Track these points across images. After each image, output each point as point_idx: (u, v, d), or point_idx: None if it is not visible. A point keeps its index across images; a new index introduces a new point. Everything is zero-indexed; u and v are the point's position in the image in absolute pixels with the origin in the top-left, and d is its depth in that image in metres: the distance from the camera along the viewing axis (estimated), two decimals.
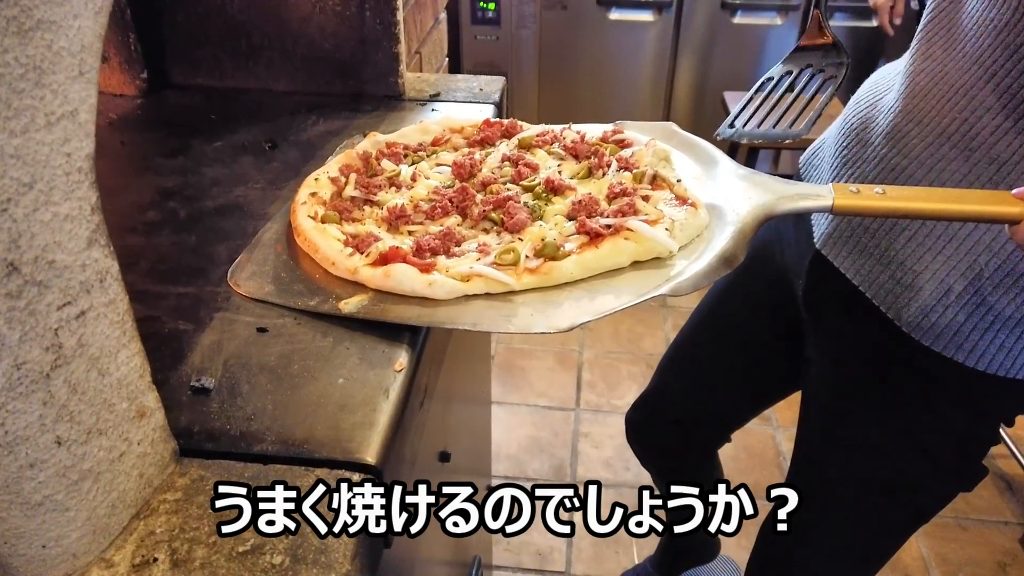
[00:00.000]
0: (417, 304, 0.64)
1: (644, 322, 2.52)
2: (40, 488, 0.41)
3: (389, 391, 0.57)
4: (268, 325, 0.63)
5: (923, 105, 0.78)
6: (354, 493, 0.49)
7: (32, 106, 0.36)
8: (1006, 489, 1.94)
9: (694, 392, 1.24)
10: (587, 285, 0.66)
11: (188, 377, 0.57)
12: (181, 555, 0.45)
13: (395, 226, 0.73)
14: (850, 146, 0.87)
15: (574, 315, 0.62)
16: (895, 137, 0.80)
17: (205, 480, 0.50)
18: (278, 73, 1.08)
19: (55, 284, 0.39)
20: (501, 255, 0.66)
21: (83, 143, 0.40)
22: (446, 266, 0.66)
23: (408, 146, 0.86)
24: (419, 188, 0.78)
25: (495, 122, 0.88)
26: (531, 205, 0.73)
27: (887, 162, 0.81)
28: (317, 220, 0.73)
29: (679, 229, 0.68)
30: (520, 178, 0.78)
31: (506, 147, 0.84)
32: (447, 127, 0.89)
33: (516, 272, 0.65)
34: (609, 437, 2.09)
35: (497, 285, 0.64)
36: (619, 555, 1.78)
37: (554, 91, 3.08)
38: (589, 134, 0.85)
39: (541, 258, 0.66)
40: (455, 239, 0.70)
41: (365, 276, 0.65)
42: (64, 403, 0.40)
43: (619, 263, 0.67)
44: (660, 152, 0.80)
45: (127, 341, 0.45)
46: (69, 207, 0.39)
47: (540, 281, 0.65)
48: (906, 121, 0.79)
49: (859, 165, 0.85)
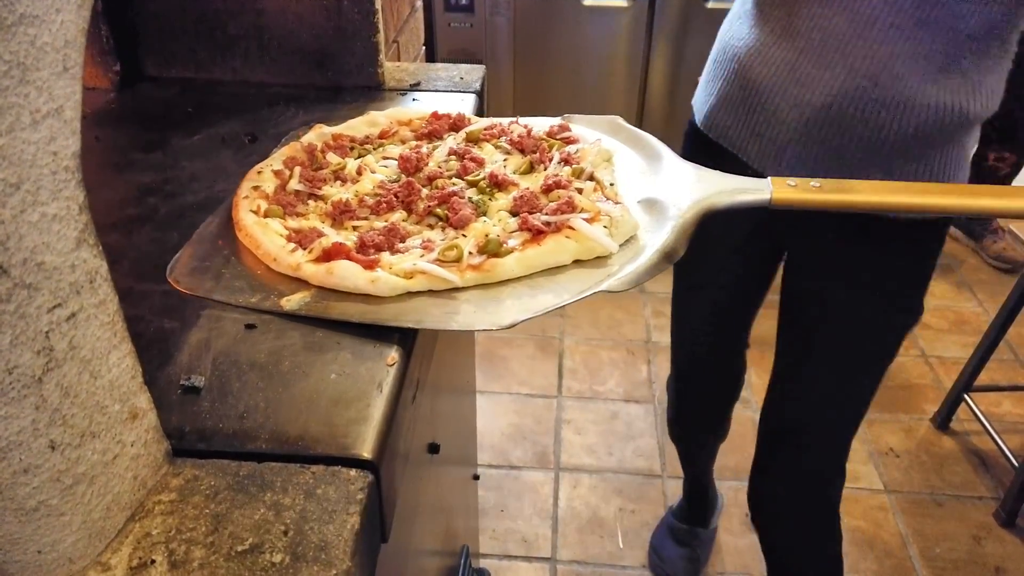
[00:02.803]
0: (360, 301, 0.63)
1: (624, 308, 2.54)
2: (34, 493, 0.40)
3: (382, 385, 0.57)
4: (256, 321, 0.62)
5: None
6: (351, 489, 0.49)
7: (17, 104, 0.35)
8: (980, 465, 1.98)
9: (703, 353, 1.38)
10: (529, 282, 0.66)
11: (177, 376, 0.57)
12: (179, 556, 0.45)
13: (339, 221, 0.72)
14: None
15: (516, 312, 0.62)
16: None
17: (199, 480, 0.49)
18: (255, 64, 1.06)
19: (45, 286, 0.38)
20: (444, 252, 0.66)
21: (69, 141, 0.39)
22: (389, 263, 0.66)
23: (355, 139, 0.85)
24: (365, 182, 0.77)
25: (443, 115, 0.88)
26: (475, 200, 0.73)
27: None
28: (260, 214, 0.72)
29: (616, 227, 0.69)
30: (466, 172, 0.78)
31: (453, 141, 0.84)
32: (395, 119, 0.89)
33: (459, 269, 0.65)
34: (592, 423, 2.10)
35: (440, 282, 0.64)
36: (604, 540, 1.80)
37: (529, 78, 3.07)
38: (536, 128, 0.86)
39: (484, 255, 0.66)
40: (399, 235, 0.69)
41: (308, 273, 0.65)
42: (57, 407, 0.40)
43: (561, 261, 0.68)
44: (604, 153, 0.81)
45: (118, 342, 0.44)
46: (57, 207, 0.38)
47: (483, 278, 0.65)
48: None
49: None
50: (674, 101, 3.07)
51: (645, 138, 0.84)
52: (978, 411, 1.97)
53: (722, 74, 1.07)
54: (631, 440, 2.06)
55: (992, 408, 2.11)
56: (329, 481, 0.50)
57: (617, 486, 1.93)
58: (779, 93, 0.96)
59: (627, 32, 2.94)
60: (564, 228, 0.68)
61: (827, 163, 0.95)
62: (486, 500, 1.88)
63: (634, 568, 1.74)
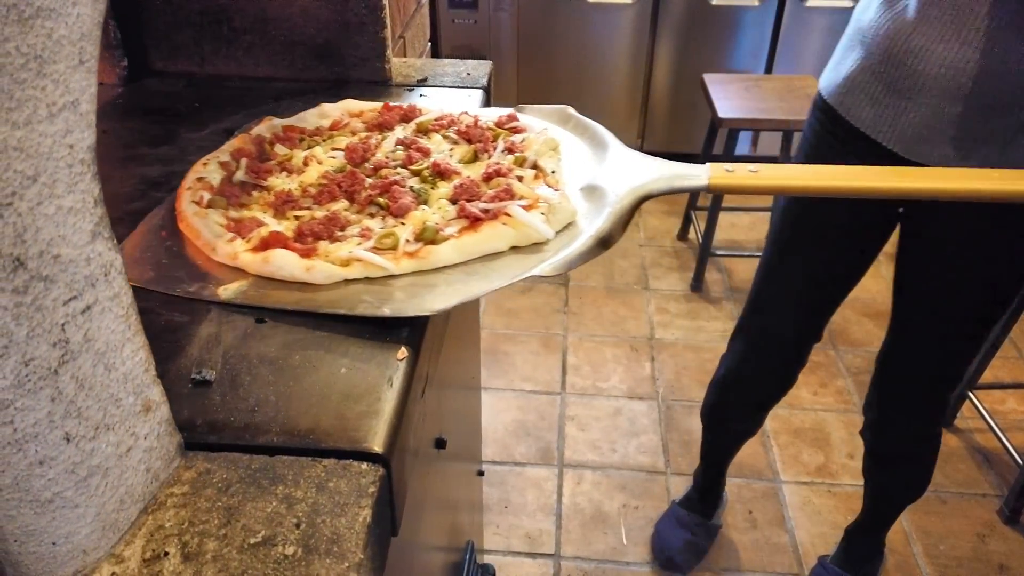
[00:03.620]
0: (297, 289, 0.64)
1: (628, 305, 2.54)
2: (50, 485, 0.40)
3: (392, 379, 0.57)
4: (267, 316, 0.62)
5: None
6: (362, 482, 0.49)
7: (34, 97, 0.35)
8: (984, 462, 1.98)
9: (790, 311, 1.38)
10: (466, 268, 0.67)
11: (188, 370, 0.57)
12: (192, 548, 0.45)
13: (282, 211, 0.73)
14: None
15: (447, 298, 0.63)
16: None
17: (212, 473, 0.50)
18: (260, 58, 1.06)
19: (61, 279, 0.38)
20: (381, 239, 0.67)
21: (85, 134, 0.39)
22: (327, 251, 0.66)
23: (304, 130, 0.86)
24: (310, 172, 0.78)
25: (394, 106, 0.89)
26: (416, 189, 0.74)
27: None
28: (202, 205, 0.72)
29: (554, 214, 0.70)
30: (410, 162, 0.78)
31: (402, 131, 0.85)
32: (347, 111, 0.90)
33: (395, 256, 0.66)
34: (595, 419, 2.11)
35: (376, 269, 0.65)
36: (607, 536, 1.80)
37: (533, 74, 3.07)
38: (485, 118, 0.87)
39: (421, 242, 0.67)
40: (340, 224, 0.70)
41: (244, 261, 0.66)
42: (72, 399, 0.40)
43: (497, 248, 0.68)
44: (550, 142, 0.82)
45: (132, 335, 0.44)
46: (73, 200, 0.38)
47: (418, 265, 0.66)
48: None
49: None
50: (677, 96, 3.07)
51: (593, 127, 0.86)
52: (982, 408, 1.97)
53: (851, 47, 1.12)
54: (634, 436, 2.06)
55: (996, 406, 2.11)
56: (340, 474, 0.50)
57: (620, 482, 1.93)
58: (913, 66, 1.01)
59: (631, 28, 2.93)
60: (501, 215, 0.69)
61: (954, 135, 1.01)
62: (490, 496, 1.89)
63: (638, 564, 1.74)
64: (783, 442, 2.04)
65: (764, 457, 1.99)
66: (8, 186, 0.35)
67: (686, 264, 2.73)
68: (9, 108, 0.34)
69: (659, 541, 1.77)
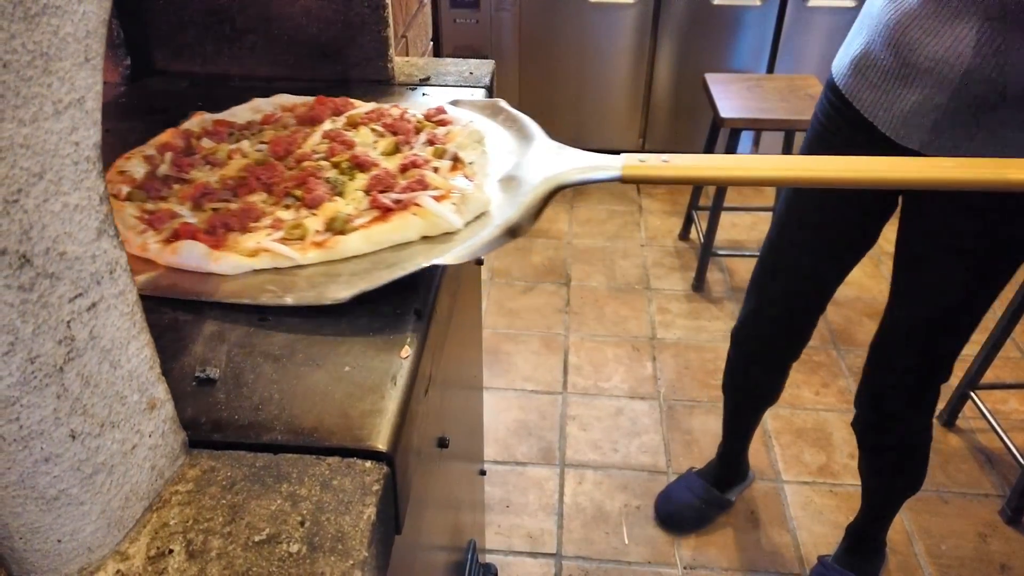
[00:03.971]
0: (204, 280, 0.65)
1: (629, 305, 2.54)
2: (55, 482, 0.40)
3: (396, 378, 0.57)
4: (269, 314, 0.62)
5: None
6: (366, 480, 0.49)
7: (40, 94, 0.36)
8: (986, 462, 1.98)
9: (794, 286, 1.41)
10: (374, 258, 0.67)
11: (192, 368, 0.57)
12: (197, 546, 0.45)
13: (199, 203, 0.73)
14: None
15: (348, 288, 0.63)
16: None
17: (216, 471, 0.50)
18: (263, 58, 1.06)
19: (66, 276, 0.38)
20: (290, 230, 0.68)
21: (90, 131, 0.39)
22: (237, 242, 0.67)
23: (234, 124, 0.86)
24: (232, 166, 0.78)
25: (327, 100, 0.90)
26: (333, 180, 0.74)
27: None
28: (121, 198, 0.73)
29: (465, 204, 0.71)
30: (333, 155, 0.79)
31: (331, 124, 0.85)
32: (280, 106, 0.90)
33: (302, 247, 0.66)
34: (597, 419, 2.11)
35: (282, 259, 0.65)
36: (609, 536, 1.80)
37: (534, 74, 3.07)
38: (412, 111, 0.87)
39: (329, 232, 0.67)
40: (254, 215, 0.70)
41: (153, 252, 0.66)
42: (78, 396, 0.40)
43: (407, 237, 0.69)
44: (474, 134, 0.83)
45: (137, 332, 0.44)
46: (79, 197, 0.38)
47: (326, 255, 0.66)
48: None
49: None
50: (679, 96, 3.07)
51: (522, 119, 0.86)
52: (984, 408, 1.97)
53: (860, 31, 1.15)
54: (636, 436, 2.06)
55: (998, 405, 2.11)
56: (345, 472, 0.50)
57: (622, 482, 1.93)
58: (917, 52, 1.04)
59: (632, 28, 2.93)
60: (411, 206, 0.70)
61: (953, 114, 1.03)
62: (491, 496, 1.89)
63: (639, 564, 1.74)
64: (785, 442, 2.04)
65: (766, 457, 1.99)
66: (15, 183, 0.35)
67: (688, 264, 2.73)
68: (15, 105, 0.34)
69: (663, 499, 1.82)
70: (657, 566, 1.73)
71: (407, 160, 0.76)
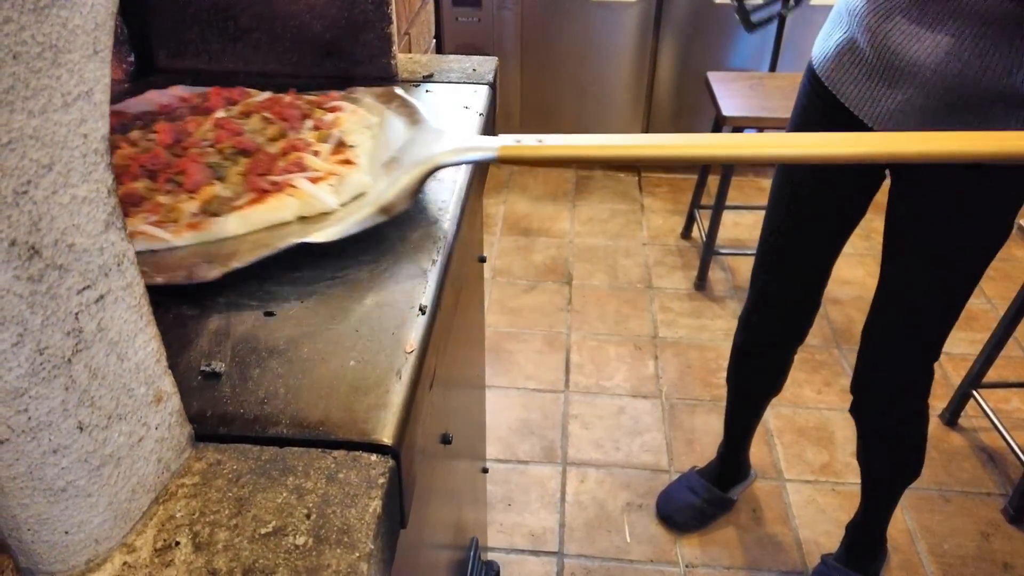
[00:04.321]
0: None
1: (631, 304, 2.54)
2: (63, 474, 0.40)
3: (401, 372, 0.57)
4: (275, 309, 0.63)
5: None
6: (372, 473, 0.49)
7: (49, 86, 0.36)
8: (988, 461, 1.98)
9: (793, 269, 1.45)
10: (251, 239, 0.68)
11: (197, 362, 0.57)
12: (203, 538, 0.45)
13: None
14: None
15: (221, 267, 0.63)
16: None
17: (222, 464, 0.50)
18: (266, 55, 1.06)
19: (75, 268, 0.38)
20: (167, 213, 0.68)
21: (99, 124, 0.39)
22: None
23: (127, 114, 0.87)
24: (118, 154, 0.78)
25: (222, 90, 0.91)
26: (214, 165, 0.75)
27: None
28: None
29: (342, 185, 0.72)
30: (219, 141, 0.80)
31: (224, 113, 0.86)
32: (177, 96, 0.91)
33: (177, 228, 0.67)
34: (599, 418, 2.11)
35: (157, 241, 0.66)
36: (611, 535, 1.80)
37: (536, 73, 3.07)
38: (307, 99, 0.89)
39: (204, 215, 0.68)
40: (133, 199, 0.71)
41: None
42: (85, 388, 0.40)
43: (282, 218, 0.70)
44: (363, 119, 0.84)
45: (144, 325, 0.44)
46: (87, 189, 0.39)
47: (201, 236, 0.67)
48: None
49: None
50: (681, 95, 3.07)
51: (413, 105, 0.88)
52: (987, 407, 1.97)
53: (840, 22, 1.17)
54: (638, 435, 2.06)
55: (1001, 404, 2.11)
56: (350, 466, 0.50)
57: (624, 481, 1.93)
58: (900, 56, 1.06)
59: (634, 26, 2.93)
60: (287, 187, 0.71)
61: (935, 114, 1.06)
62: (493, 494, 1.89)
63: (642, 562, 1.74)
64: (787, 441, 2.04)
65: (768, 456, 1.99)
66: (24, 174, 0.35)
67: (690, 263, 2.73)
68: (25, 97, 0.34)
69: (664, 498, 1.83)
70: (659, 564, 1.73)
71: (288, 144, 0.78)
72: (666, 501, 1.83)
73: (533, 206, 3.06)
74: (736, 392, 1.71)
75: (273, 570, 0.43)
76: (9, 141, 0.34)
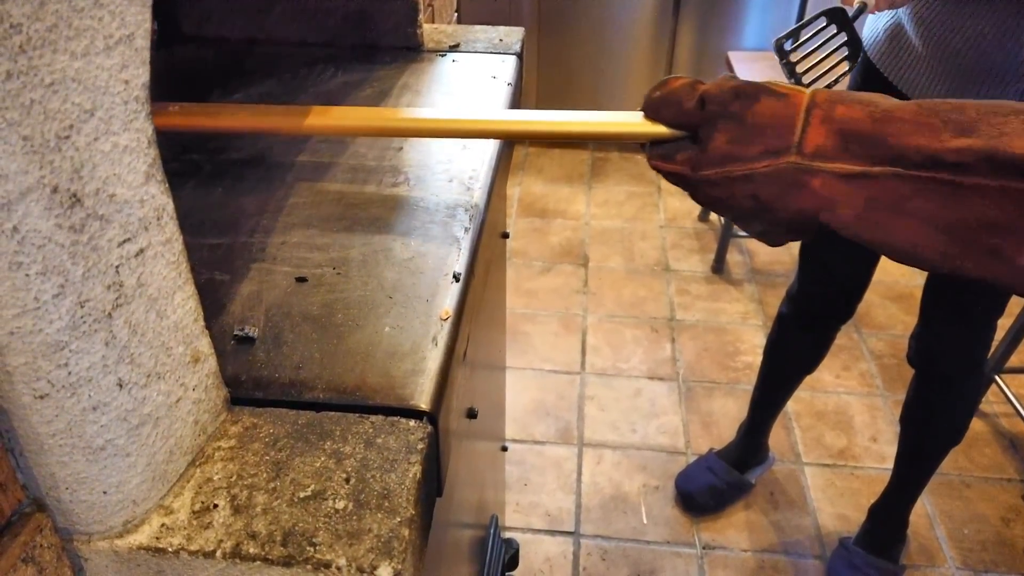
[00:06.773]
0: None
1: (647, 286, 2.52)
2: (102, 432, 0.39)
3: (437, 339, 0.56)
4: (308, 275, 0.61)
5: None
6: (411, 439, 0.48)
7: (92, 27, 0.34)
8: (1009, 447, 1.96)
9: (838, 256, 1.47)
10: None
11: (231, 327, 0.56)
12: (241, 501, 0.44)
13: None
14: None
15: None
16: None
17: (258, 428, 0.49)
18: (291, 24, 1.04)
19: (116, 219, 0.37)
20: None
21: (140, 70, 0.38)
22: None
23: None
24: None
25: None
26: None
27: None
28: None
29: None
30: None
31: None
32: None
33: None
34: (615, 400, 2.09)
35: None
36: (627, 516, 1.80)
37: (554, 51, 3.04)
38: None
39: None
40: None
41: None
42: (125, 344, 0.39)
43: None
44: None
45: (182, 283, 0.43)
46: (128, 138, 0.37)
47: None
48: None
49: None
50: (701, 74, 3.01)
51: None
52: (1009, 393, 1.94)
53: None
54: (654, 417, 2.05)
55: (1023, 390, 2.09)
56: (389, 431, 0.49)
57: (640, 462, 1.92)
58: (942, 47, 1.07)
59: (654, 4, 2.89)
60: None
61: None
62: (510, 474, 1.88)
63: (658, 544, 1.73)
64: (805, 424, 2.02)
65: (786, 440, 1.98)
66: (67, 118, 0.34)
67: (707, 246, 2.71)
68: (68, 37, 0.33)
69: (683, 478, 1.83)
70: (676, 546, 1.73)
71: None
72: (685, 480, 1.83)
73: (548, 187, 3.04)
74: (771, 365, 1.70)
75: (313, 534, 0.43)
76: (52, 83, 0.33)
